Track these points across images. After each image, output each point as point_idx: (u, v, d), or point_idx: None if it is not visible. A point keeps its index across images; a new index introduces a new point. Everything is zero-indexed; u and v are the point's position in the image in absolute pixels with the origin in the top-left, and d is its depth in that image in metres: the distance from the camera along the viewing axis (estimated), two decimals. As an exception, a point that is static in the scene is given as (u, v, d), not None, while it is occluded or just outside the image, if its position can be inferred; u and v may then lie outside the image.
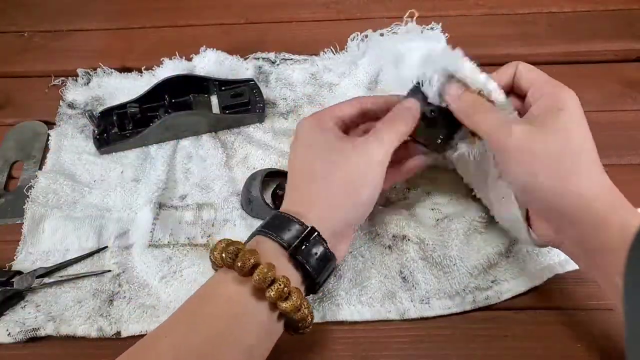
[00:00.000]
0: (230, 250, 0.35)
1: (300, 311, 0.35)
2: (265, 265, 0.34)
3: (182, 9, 0.68)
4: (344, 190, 0.39)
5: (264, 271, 0.33)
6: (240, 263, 0.34)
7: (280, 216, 0.38)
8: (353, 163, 0.39)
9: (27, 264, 0.48)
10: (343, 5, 0.67)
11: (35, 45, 0.65)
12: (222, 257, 0.35)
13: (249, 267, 0.34)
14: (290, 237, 0.36)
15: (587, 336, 0.43)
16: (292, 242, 0.36)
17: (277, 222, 0.38)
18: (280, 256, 0.36)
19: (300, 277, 0.37)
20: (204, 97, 0.57)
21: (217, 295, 0.35)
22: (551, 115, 0.38)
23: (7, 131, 0.57)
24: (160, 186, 0.51)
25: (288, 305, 0.34)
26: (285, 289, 0.34)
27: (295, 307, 0.34)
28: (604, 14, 0.64)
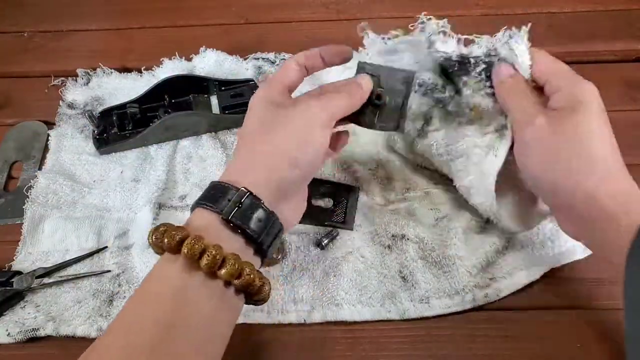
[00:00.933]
0: (158, 232, 0.34)
1: (242, 277, 0.34)
2: (191, 238, 0.33)
3: (182, 9, 0.68)
4: (282, 149, 0.38)
5: (191, 243, 0.33)
6: (167, 240, 0.33)
7: (214, 186, 0.37)
8: (293, 122, 0.38)
9: (27, 264, 0.48)
10: (343, 5, 0.67)
11: (35, 46, 0.65)
12: (152, 240, 0.34)
13: (176, 243, 0.33)
14: (224, 204, 0.35)
15: (587, 336, 0.43)
16: (225, 207, 0.35)
17: (212, 192, 0.37)
18: (217, 224, 0.35)
19: (242, 241, 0.36)
20: (204, 97, 0.57)
21: (155, 278, 0.34)
22: (566, 114, 0.38)
23: (7, 131, 0.57)
24: (160, 186, 0.51)
25: (225, 272, 0.33)
26: (217, 256, 0.33)
27: (232, 272, 0.33)
28: (604, 14, 0.64)
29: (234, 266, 0.33)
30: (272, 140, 0.38)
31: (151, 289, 0.34)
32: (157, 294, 0.33)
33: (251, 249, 0.36)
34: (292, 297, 0.45)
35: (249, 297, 0.36)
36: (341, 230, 0.48)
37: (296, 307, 0.45)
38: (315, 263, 0.47)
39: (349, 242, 0.48)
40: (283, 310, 0.44)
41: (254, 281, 0.34)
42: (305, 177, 0.40)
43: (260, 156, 0.38)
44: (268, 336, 0.44)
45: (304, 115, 0.39)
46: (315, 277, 0.46)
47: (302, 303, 0.45)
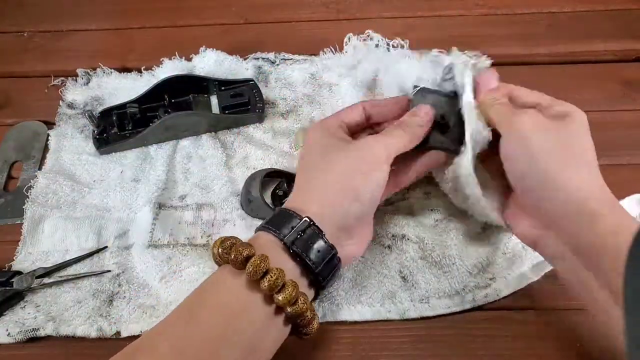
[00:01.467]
0: (226, 245, 0.35)
1: (297, 305, 0.35)
2: (258, 257, 0.34)
3: (182, 9, 0.68)
4: (344, 183, 0.39)
5: (257, 262, 0.34)
6: (234, 255, 0.34)
7: (281, 212, 0.39)
8: (352, 158, 0.40)
9: (27, 264, 0.48)
10: (343, 5, 0.67)
11: (35, 46, 0.65)
12: (218, 252, 0.36)
13: (242, 259, 0.34)
14: (287, 230, 0.37)
15: (587, 336, 0.43)
16: (288, 233, 0.36)
17: (277, 217, 0.38)
18: (278, 248, 0.37)
19: (299, 269, 0.37)
20: (204, 97, 0.57)
21: (214, 290, 0.36)
22: (559, 117, 0.39)
23: (7, 131, 0.57)
24: (159, 186, 0.51)
25: (282, 297, 0.34)
26: (278, 280, 0.34)
27: (289, 298, 0.34)
28: (603, 14, 0.64)
29: (292, 293, 0.34)
30: (334, 170, 0.40)
31: (210, 297, 0.35)
32: (214, 304, 0.35)
33: (307, 279, 0.37)
34: (292, 297, 0.45)
35: (296, 328, 0.37)
36: (341, 230, 0.48)
37: (296, 307, 0.45)
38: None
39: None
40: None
41: (305, 312, 0.35)
42: (366, 211, 0.41)
43: (323, 186, 0.40)
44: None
45: (365, 151, 0.40)
46: (315, 277, 0.46)
47: (302, 303, 0.45)
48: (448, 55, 0.46)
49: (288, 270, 0.35)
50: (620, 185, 0.49)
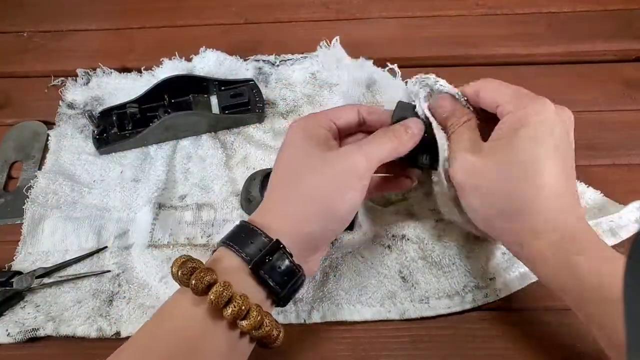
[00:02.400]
0: (186, 268, 0.33)
1: (262, 328, 0.34)
2: (221, 284, 0.32)
3: (182, 9, 0.68)
4: (318, 201, 0.37)
5: (220, 290, 0.32)
6: (195, 282, 0.32)
7: (245, 227, 0.36)
8: (330, 172, 0.37)
9: (27, 264, 0.48)
10: (342, 5, 0.67)
11: (34, 46, 0.65)
12: (178, 275, 0.34)
13: (204, 286, 0.33)
14: (253, 251, 0.35)
15: (587, 336, 0.42)
16: (254, 256, 0.35)
17: (242, 233, 0.36)
18: (241, 271, 0.35)
19: (263, 292, 0.35)
20: (204, 97, 0.57)
21: (174, 316, 0.34)
22: (507, 141, 0.37)
23: (7, 131, 0.57)
24: (159, 186, 0.51)
25: (247, 324, 0.33)
26: (242, 307, 0.32)
27: (254, 325, 0.33)
28: (603, 14, 0.64)
29: (256, 319, 0.33)
30: (310, 187, 0.37)
31: (168, 324, 0.34)
32: (172, 331, 0.33)
33: (270, 299, 0.36)
34: (292, 297, 0.45)
35: (262, 345, 0.36)
36: (341, 230, 0.48)
37: (296, 307, 0.44)
38: (315, 263, 0.47)
39: (349, 242, 0.48)
40: (283, 310, 0.44)
41: (271, 332, 0.34)
42: (339, 230, 0.40)
43: (296, 204, 0.37)
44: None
45: (344, 164, 0.37)
46: (315, 277, 0.46)
47: (302, 303, 0.45)
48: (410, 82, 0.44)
49: (252, 293, 0.34)
50: (620, 185, 0.50)
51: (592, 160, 0.52)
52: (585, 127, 0.54)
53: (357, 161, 0.37)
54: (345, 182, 0.37)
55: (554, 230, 0.35)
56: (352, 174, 0.37)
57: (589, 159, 0.52)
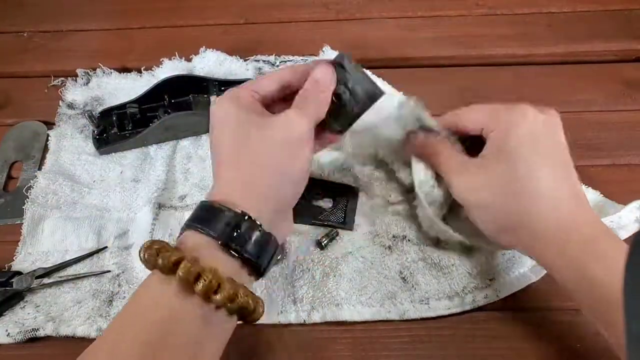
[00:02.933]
0: (152, 250, 0.33)
1: (237, 300, 0.33)
2: (188, 260, 0.32)
3: (182, 9, 0.68)
4: (272, 166, 0.37)
5: (187, 266, 0.32)
6: (162, 261, 0.32)
7: (207, 206, 0.36)
8: (277, 136, 0.37)
9: (27, 265, 0.48)
10: (342, 5, 0.67)
11: (34, 46, 0.65)
12: (144, 257, 0.33)
13: (171, 264, 0.32)
14: (220, 227, 0.34)
15: (587, 336, 0.43)
16: (223, 232, 0.34)
17: (205, 213, 0.35)
18: (211, 248, 0.34)
19: (237, 264, 0.35)
20: (204, 97, 0.57)
21: (146, 298, 0.34)
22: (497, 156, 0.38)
23: (7, 131, 0.57)
24: (159, 186, 0.51)
25: (220, 297, 0.32)
26: (212, 281, 0.32)
27: (228, 297, 0.32)
28: (603, 14, 0.64)
29: (229, 291, 0.32)
30: (259, 154, 0.37)
31: (142, 309, 0.33)
32: (148, 315, 0.33)
33: (246, 270, 0.36)
34: (292, 297, 0.45)
35: (241, 318, 0.35)
36: (341, 231, 0.48)
37: (296, 307, 0.44)
38: (315, 263, 0.47)
39: (349, 242, 0.48)
40: (283, 310, 0.44)
41: (247, 304, 0.34)
42: (298, 189, 0.39)
43: (249, 173, 0.37)
44: (268, 336, 0.44)
45: (288, 127, 0.37)
46: (315, 277, 0.46)
47: (302, 303, 0.45)
48: None
49: (224, 267, 0.33)
50: (620, 185, 0.50)
51: (592, 160, 0.52)
52: (585, 127, 0.54)
53: (297, 121, 0.37)
54: (293, 142, 0.37)
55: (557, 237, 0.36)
56: (296, 134, 0.37)
57: (589, 159, 0.52)
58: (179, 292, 0.32)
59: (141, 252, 0.34)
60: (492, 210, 0.38)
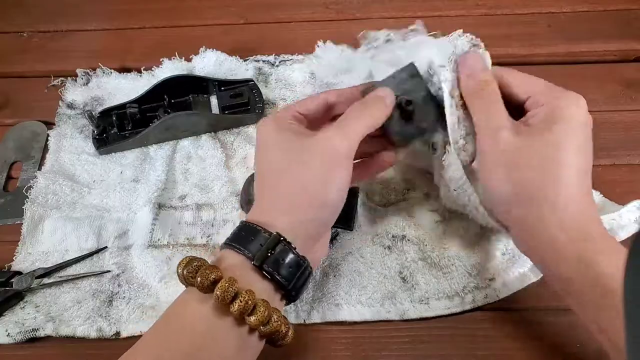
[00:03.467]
0: (191, 267, 0.33)
1: (270, 324, 0.33)
2: (226, 280, 0.32)
3: (182, 9, 0.68)
4: (309, 190, 0.37)
5: (225, 286, 0.32)
6: (200, 279, 0.33)
7: (245, 227, 0.36)
8: (315, 159, 0.37)
9: (27, 265, 0.48)
10: (342, 5, 0.67)
11: (34, 46, 0.65)
12: (183, 274, 0.34)
13: (209, 283, 0.33)
14: (255, 248, 0.35)
15: (587, 336, 0.42)
16: (257, 252, 0.35)
17: (242, 233, 0.36)
18: (247, 269, 0.35)
19: (271, 287, 0.35)
20: (204, 97, 0.57)
21: (181, 315, 0.34)
22: (539, 131, 0.36)
23: (7, 131, 0.57)
24: (159, 186, 0.51)
25: (255, 319, 0.33)
26: (249, 302, 0.32)
27: (262, 320, 0.33)
28: (603, 14, 0.64)
29: (264, 314, 0.33)
30: (296, 178, 0.37)
31: (177, 324, 0.34)
32: (182, 331, 0.33)
33: (279, 294, 0.36)
34: (292, 298, 0.45)
35: (270, 341, 0.36)
36: (341, 231, 0.48)
37: (296, 307, 0.44)
38: (315, 263, 0.47)
39: (349, 242, 0.48)
40: (283, 310, 0.44)
41: (280, 328, 0.34)
42: (335, 213, 0.39)
43: (287, 197, 0.37)
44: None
45: (326, 149, 0.37)
46: (315, 277, 0.46)
47: (302, 303, 0.45)
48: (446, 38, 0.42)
49: (258, 289, 0.34)
50: (620, 185, 0.50)
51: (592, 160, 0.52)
52: (585, 127, 0.54)
53: (337, 142, 0.37)
54: (330, 165, 0.37)
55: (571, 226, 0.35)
56: (334, 156, 0.37)
57: (588, 159, 0.52)
58: (216, 311, 0.33)
59: (179, 269, 0.34)
60: (524, 176, 0.36)
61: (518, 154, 0.36)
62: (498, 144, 0.37)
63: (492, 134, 0.38)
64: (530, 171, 0.36)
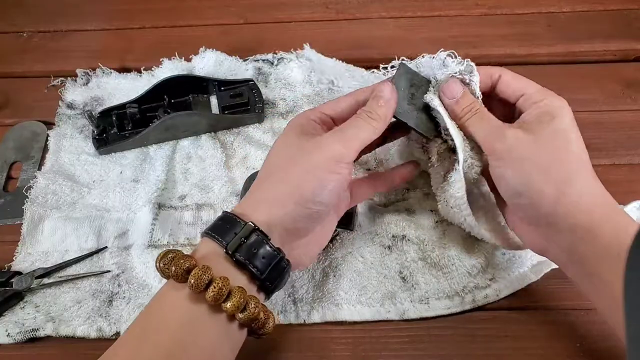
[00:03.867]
0: (167, 259, 0.34)
1: (247, 310, 0.33)
2: (199, 268, 0.33)
3: (182, 9, 0.68)
4: (290, 184, 0.37)
5: (198, 273, 0.32)
6: (175, 268, 0.33)
7: (225, 217, 0.37)
8: (309, 158, 0.37)
9: (26, 265, 0.48)
10: (342, 5, 0.67)
11: (34, 46, 0.65)
12: (160, 266, 0.34)
13: (183, 272, 0.33)
14: (230, 236, 0.35)
15: (587, 336, 0.43)
16: (230, 241, 0.35)
17: (220, 222, 0.36)
18: (222, 257, 0.35)
19: (246, 278, 0.35)
20: (203, 97, 0.57)
21: (161, 305, 0.34)
22: (544, 123, 0.38)
23: (6, 131, 0.57)
24: (159, 186, 0.51)
25: (230, 305, 0.33)
26: (223, 288, 0.32)
27: (237, 305, 0.33)
28: (603, 14, 0.65)
29: (240, 299, 0.33)
30: (289, 177, 0.37)
31: (155, 316, 0.34)
32: (160, 322, 0.33)
33: (254, 285, 0.36)
34: (292, 297, 0.45)
35: (252, 331, 0.36)
36: (341, 231, 0.48)
37: (296, 307, 0.44)
38: (315, 263, 0.47)
39: (349, 242, 0.48)
40: (283, 310, 0.44)
41: (258, 315, 0.34)
42: (317, 215, 0.38)
43: (274, 192, 0.38)
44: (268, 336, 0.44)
45: (324, 153, 0.37)
46: (315, 277, 0.46)
47: (302, 303, 0.45)
48: None
49: (234, 278, 0.34)
50: (620, 185, 0.50)
51: (592, 160, 0.51)
52: (585, 127, 0.53)
53: (336, 148, 0.37)
54: (324, 168, 0.37)
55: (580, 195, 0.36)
56: (331, 161, 0.37)
57: (588, 159, 0.52)
58: (192, 300, 0.33)
59: (157, 262, 0.35)
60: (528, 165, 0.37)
61: (527, 146, 0.37)
62: (505, 141, 0.38)
63: (497, 134, 0.39)
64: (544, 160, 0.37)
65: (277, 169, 0.39)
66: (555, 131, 0.37)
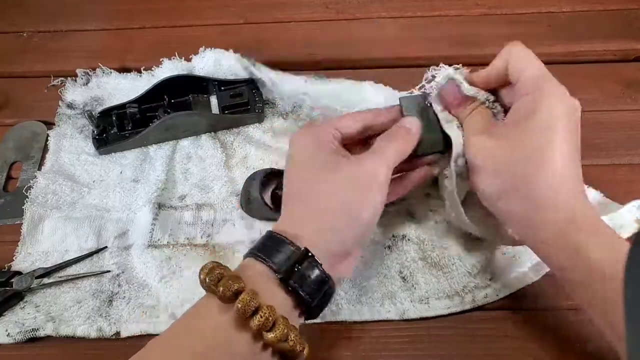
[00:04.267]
0: (213, 275, 0.33)
1: (287, 341, 0.33)
2: (248, 293, 0.32)
3: (182, 9, 0.68)
4: (342, 209, 0.37)
5: (247, 299, 0.31)
6: (222, 289, 0.32)
7: (272, 237, 0.36)
8: (352, 181, 0.37)
9: (27, 265, 0.48)
10: (342, 5, 0.67)
11: (34, 46, 0.65)
12: (205, 282, 0.33)
13: (231, 294, 0.32)
14: (281, 260, 0.34)
15: (587, 336, 0.43)
16: (283, 265, 0.34)
17: (269, 243, 0.36)
18: (270, 281, 0.34)
19: (292, 302, 0.35)
20: (203, 97, 0.57)
21: (201, 320, 0.34)
22: (520, 124, 0.37)
23: (6, 131, 0.57)
24: (159, 186, 0.51)
25: (272, 336, 0.32)
26: (269, 318, 0.32)
27: (280, 337, 0.32)
28: (603, 14, 0.64)
29: (283, 332, 0.32)
30: (330, 191, 0.37)
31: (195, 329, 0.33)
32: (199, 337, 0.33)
33: (299, 310, 0.36)
34: (292, 297, 0.45)
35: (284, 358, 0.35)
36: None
37: (296, 307, 0.44)
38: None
39: (349, 242, 0.48)
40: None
41: (295, 347, 0.33)
42: (365, 233, 0.39)
43: (317, 209, 0.37)
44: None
45: (366, 173, 0.37)
46: (315, 277, 0.46)
47: (302, 303, 0.45)
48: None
49: (279, 303, 0.33)
50: (620, 185, 0.50)
51: (592, 160, 0.52)
52: (585, 127, 0.53)
53: (376, 168, 0.38)
54: (368, 188, 0.37)
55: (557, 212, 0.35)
56: (372, 181, 0.37)
57: (588, 159, 0.52)
58: (235, 323, 0.32)
59: (202, 275, 0.33)
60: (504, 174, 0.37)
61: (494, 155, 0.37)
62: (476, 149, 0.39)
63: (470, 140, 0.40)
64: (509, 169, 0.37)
65: (318, 190, 0.38)
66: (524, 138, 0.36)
